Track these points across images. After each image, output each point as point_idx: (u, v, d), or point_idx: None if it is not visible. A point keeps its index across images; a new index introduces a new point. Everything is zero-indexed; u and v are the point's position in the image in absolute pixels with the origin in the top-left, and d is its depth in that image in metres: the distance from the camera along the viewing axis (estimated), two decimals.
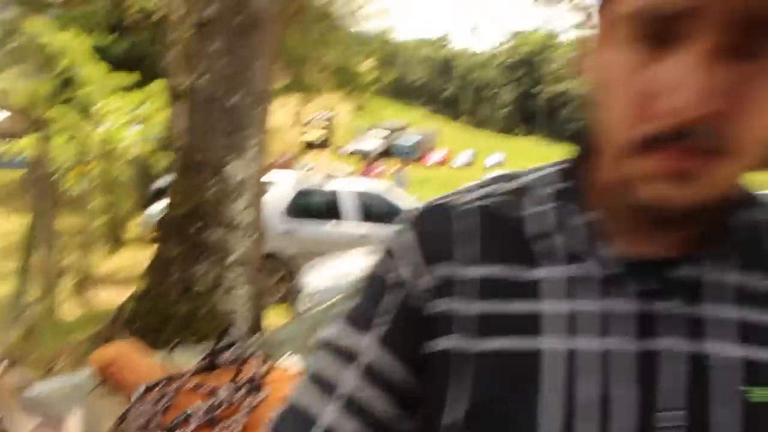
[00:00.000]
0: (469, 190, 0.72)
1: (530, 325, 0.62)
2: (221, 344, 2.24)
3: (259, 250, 5.50)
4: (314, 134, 47.67)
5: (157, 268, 5.36)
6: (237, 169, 5.21)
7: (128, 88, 13.30)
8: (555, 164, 0.71)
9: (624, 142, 0.58)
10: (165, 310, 5.10)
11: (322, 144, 48.85)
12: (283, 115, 32.25)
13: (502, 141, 57.80)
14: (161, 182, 14.43)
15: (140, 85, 13.81)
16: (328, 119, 46.81)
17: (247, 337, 2.85)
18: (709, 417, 0.60)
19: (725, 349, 0.61)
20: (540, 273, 0.64)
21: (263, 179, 5.68)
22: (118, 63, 14.73)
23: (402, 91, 67.23)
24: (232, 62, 5.13)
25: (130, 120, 13.37)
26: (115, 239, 12.67)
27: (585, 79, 0.65)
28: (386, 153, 38.57)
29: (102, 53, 14.04)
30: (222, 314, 5.03)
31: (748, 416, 0.60)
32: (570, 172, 0.69)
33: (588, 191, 0.66)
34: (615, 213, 0.64)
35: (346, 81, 26.60)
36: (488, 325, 0.63)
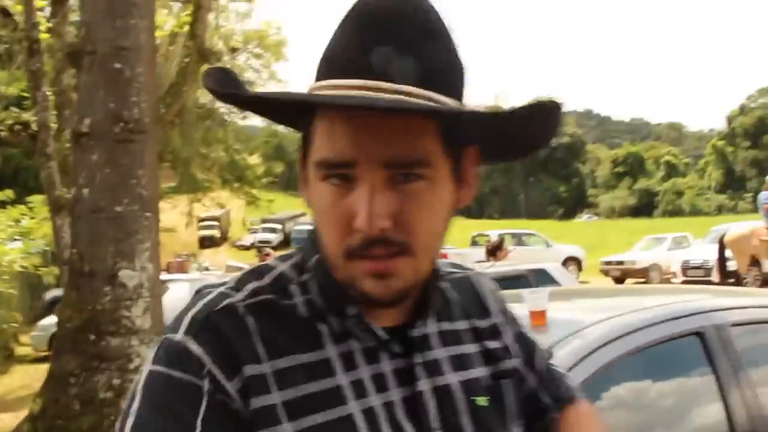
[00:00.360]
0: (237, 287, 0.86)
1: (335, 397, 0.81)
2: None
3: None
4: (209, 231, 47.26)
5: (54, 384, 5.22)
6: (130, 276, 5.24)
7: (3, 204, 12.94)
8: (285, 259, 0.92)
9: (336, 253, 0.81)
10: (66, 427, 4.96)
11: (218, 240, 48.39)
12: (176, 215, 31.80)
13: None
14: (56, 292, 13.94)
15: (17, 200, 13.46)
16: (220, 215, 46.55)
17: None
18: (462, 426, 0.89)
19: (456, 377, 0.91)
20: (326, 353, 0.84)
21: (160, 282, 5.71)
22: None
23: (293, 182, 67.96)
24: (114, 172, 5.20)
25: (9, 236, 12.94)
26: (4, 358, 12.01)
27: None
28: (286, 242, 38.70)
29: None
30: None
31: (477, 417, 0.90)
32: (304, 267, 0.89)
33: (328, 281, 0.86)
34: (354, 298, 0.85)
35: (234, 176, 26.74)
36: (298, 408, 0.79)
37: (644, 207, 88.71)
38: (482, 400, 0.92)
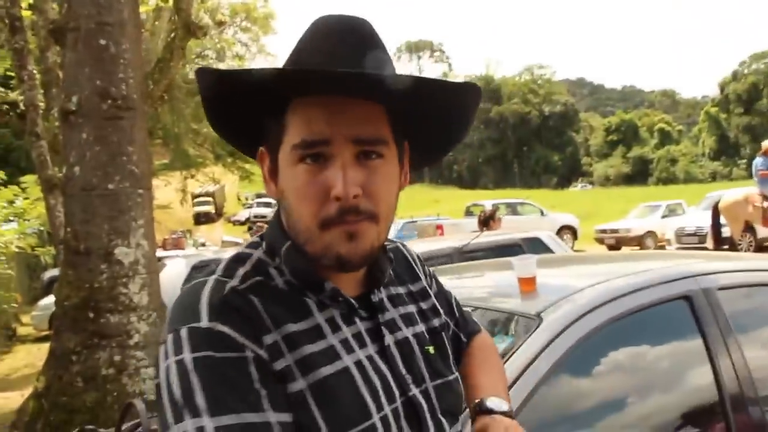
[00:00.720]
0: (228, 274, 1.00)
1: (332, 353, 0.98)
2: (127, 425, 2.29)
3: (160, 329, 5.51)
4: (204, 207, 47.26)
5: (56, 361, 5.26)
6: (125, 253, 5.26)
7: None
8: (255, 246, 1.08)
9: (312, 226, 0.97)
10: (70, 404, 5.00)
11: (214, 216, 48.37)
12: (170, 192, 31.71)
13: None
14: (54, 272, 13.98)
15: (10, 181, 13.42)
16: (215, 191, 46.47)
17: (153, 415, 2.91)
18: (421, 371, 1.09)
19: (409, 332, 1.12)
20: (316, 320, 1.00)
21: (155, 258, 5.73)
22: None
23: None
24: (104, 149, 5.18)
25: (4, 217, 12.92)
26: (6, 338, 12.08)
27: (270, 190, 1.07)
28: None
29: None
30: (131, 398, 4.99)
31: (429, 363, 1.12)
32: (275, 253, 1.05)
33: (299, 264, 1.02)
34: (326, 270, 1.02)
35: (227, 152, 26.60)
36: (306, 366, 0.95)
37: (638, 175, 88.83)
38: (431, 349, 1.13)
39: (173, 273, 8.67)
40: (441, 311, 1.23)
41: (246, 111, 1.04)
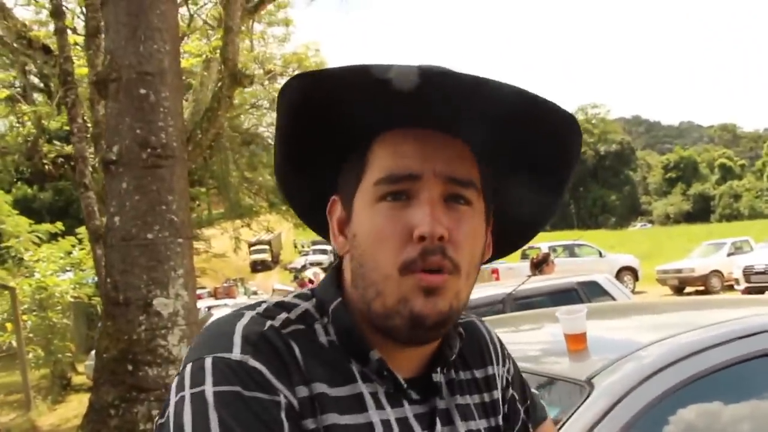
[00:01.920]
0: (267, 315, 0.86)
1: (370, 429, 0.83)
2: None
3: None
4: (260, 255, 47.87)
5: (95, 415, 5.17)
6: (164, 304, 5.15)
7: (56, 236, 13.19)
8: (304, 298, 0.93)
9: (390, 271, 0.83)
10: None
11: (270, 263, 48.94)
12: (226, 241, 32.23)
13: None
14: None
15: (69, 231, 13.72)
16: (271, 239, 47.06)
17: None
18: None
19: (463, 426, 0.94)
20: (359, 388, 0.86)
21: (196, 309, 5.61)
22: (46, 212, 14.67)
23: None
24: (144, 199, 5.14)
25: (61, 267, 13.15)
26: (61, 389, 12.17)
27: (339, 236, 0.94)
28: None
29: (27, 205, 13.95)
30: None
31: None
32: (324, 309, 0.91)
33: (348, 327, 0.89)
34: (380, 339, 0.88)
35: (281, 200, 26.90)
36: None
37: (700, 212, 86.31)
38: None
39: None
40: (501, 407, 1.05)
41: (327, 144, 0.93)
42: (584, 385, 1.57)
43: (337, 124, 0.90)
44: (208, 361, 0.78)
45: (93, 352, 12.92)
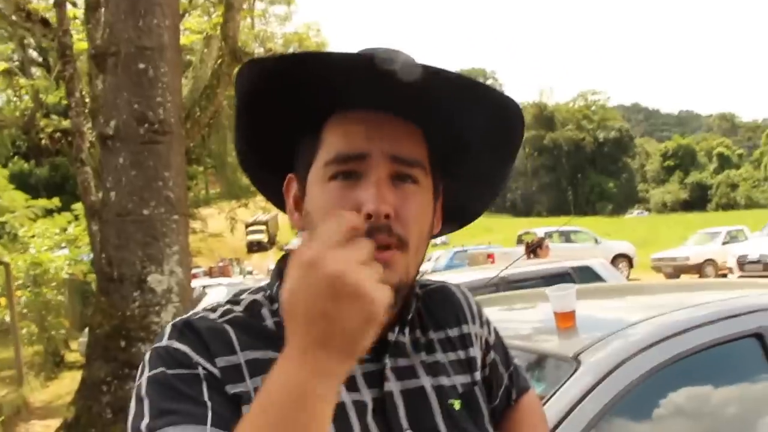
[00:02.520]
0: (213, 309, 0.95)
1: None
2: None
3: None
4: (256, 236, 47.85)
5: (87, 392, 5.17)
6: (159, 280, 5.15)
7: (51, 212, 13.16)
8: (258, 291, 0.99)
9: None
10: None
11: (267, 244, 48.92)
12: (223, 221, 32.17)
13: None
14: None
15: (65, 207, 13.70)
16: (268, 220, 47.02)
17: None
18: (436, 427, 0.94)
19: (429, 381, 0.98)
20: None
21: (190, 286, 5.61)
22: (43, 188, 14.61)
23: None
24: (140, 174, 5.11)
25: (56, 243, 13.13)
26: (54, 365, 12.18)
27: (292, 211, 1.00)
28: None
29: (23, 180, 13.90)
30: None
31: (452, 419, 0.96)
32: (274, 298, 0.96)
33: None
34: None
35: None
36: None
37: (697, 201, 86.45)
38: (456, 404, 0.99)
39: (215, 301, 8.59)
40: (479, 366, 1.08)
41: (281, 125, 0.98)
42: (571, 362, 1.59)
43: (291, 106, 0.94)
44: (148, 353, 0.88)
45: (87, 330, 12.96)
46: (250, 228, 46.65)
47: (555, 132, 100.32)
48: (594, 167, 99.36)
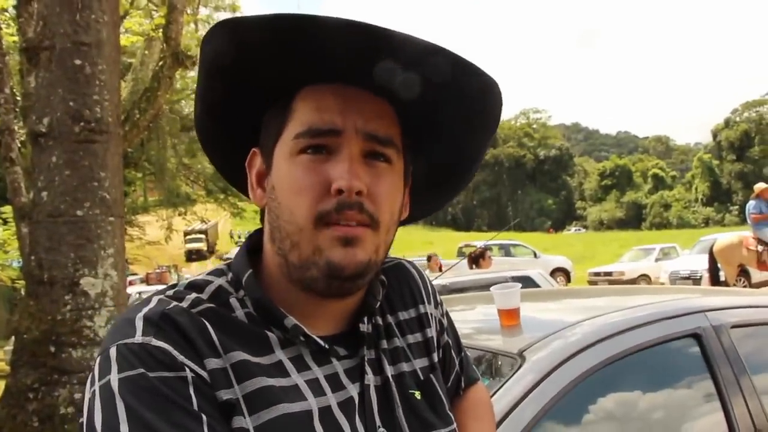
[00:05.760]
0: (177, 297, 0.85)
1: (296, 393, 0.82)
2: None
3: None
4: (196, 244, 47.08)
5: (12, 399, 4.94)
6: (92, 284, 4.97)
7: None
8: (219, 274, 0.92)
9: (306, 223, 0.83)
10: None
11: (206, 253, 48.16)
12: (161, 228, 31.50)
13: None
14: None
15: None
16: (207, 228, 46.31)
17: None
18: (399, 424, 0.91)
19: (391, 370, 0.94)
20: (277, 356, 0.85)
21: (125, 290, 5.44)
22: None
23: None
24: (75, 174, 4.93)
25: None
26: None
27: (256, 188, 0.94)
28: None
29: None
30: None
31: (414, 411, 0.93)
32: (239, 283, 0.90)
33: (266, 290, 0.89)
34: (296, 300, 0.88)
35: (219, 188, 26.39)
36: (257, 400, 0.79)
37: (632, 219, 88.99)
38: (417, 394, 0.95)
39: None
40: (435, 347, 1.05)
41: (247, 95, 0.91)
42: (516, 358, 1.58)
43: (259, 77, 0.89)
44: (113, 350, 0.77)
45: (14, 338, 12.48)
46: (189, 236, 45.95)
47: (497, 148, 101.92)
48: (534, 184, 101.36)
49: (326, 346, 0.88)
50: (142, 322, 0.79)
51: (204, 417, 0.74)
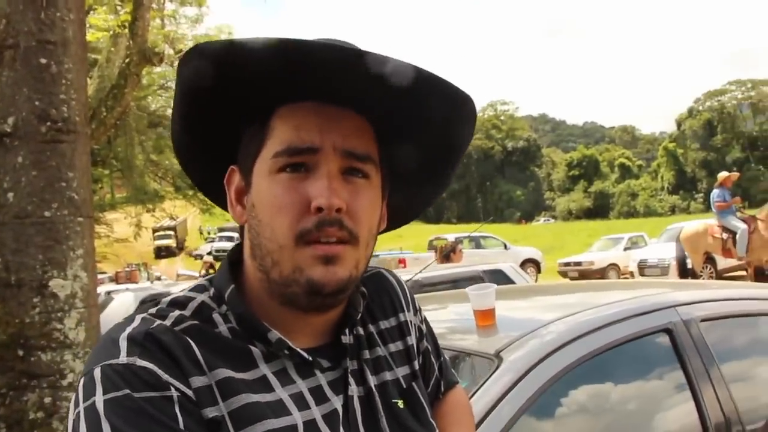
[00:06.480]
0: (160, 315, 0.85)
1: (281, 408, 0.83)
2: None
3: None
4: (165, 241, 46.61)
5: None
6: (61, 285, 4.90)
7: None
8: (201, 290, 0.92)
9: (286, 241, 0.84)
10: None
11: (175, 250, 47.70)
12: (128, 226, 31.11)
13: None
14: None
15: None
16: (176, 225, 45.87)
17: None
18: (382, 429, 0.91)
19: (374, 380, 0.95)
20: (261, 371, 0.85)
21: (96, 291, 5.38)
22: None
23: None
24: (42, 174, 4.85)
25: None
26: None
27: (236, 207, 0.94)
28: None
29: None
30: None
31: (398, 420, 0.94)
32: (221, 298, 0.90)
33: (250, 306, 0.89)
34: (278, 314, 0.89)
35: (188, 184, 26.13)
36: (243, 418, 0.80)
37: (600, 209, 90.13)
38: (400, 403, 0.96)
39: (121, 307, 8.29)
40: (416, 354, 1.06)
41: (225, 114, 0.92)
42: (493, 359, 1.60)
43: (237, 96, 0.90)
44: (97, 371, 0.77)
45: None
46: (158, 233, 45.53)
47: None
48: (502, 175, 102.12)
49: (310, 359, 0.89)
50: (126, 342, 0.79)
51: None
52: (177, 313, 0.86)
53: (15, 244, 4.86)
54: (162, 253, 46.77)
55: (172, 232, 47.68)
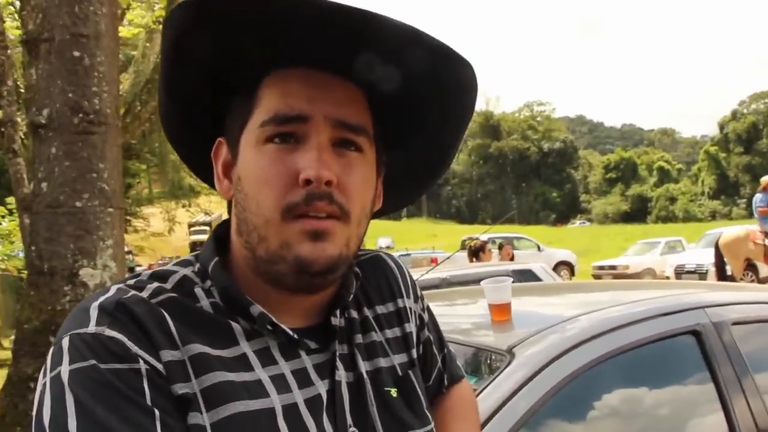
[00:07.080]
0: (137, 286, 0.81)
1: (258, 389, 0.78)
2: None
3: None
4: (200, 236, 47.25)
5: (13, 388, 4.96)
6: (91, 274, 4.97)
7: None
8: (186, 264, 0.88)
9: (273, 215, 0.79)
10: None
11: None
12: (164, 221, 31.63)
13: (388, 224, 59.18)
14: None
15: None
16: (212, 220, 46.47)
17: None
18: (373, 422, 0.86)
19: (365, 366, 0.90)
20: (242, 349, 0.80)
21: None
22: None
23: None
24: (74, 165, 4.93)
25: None
26: None
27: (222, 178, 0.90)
28: None
29: None
30: None
31: (389, 410, 0.89)
32: (206, 273, 0.86)
33: (235, 281, 0.85)
34: (264, 293, 0.84)
35: None
36: (215, 396, 0.75)
37: (637, 213, 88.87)
38: (393, 392, 0.91)
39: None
40: (415, 342, 1.00)
41: (211, 82, 0.87)
42: (505, 355, 1.54)
43: (223, 62, 0.85)
44: (65, 341, 0.74)
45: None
46: (194, 228, 46.11)
47: (500, 141, 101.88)
48: (538, 177, 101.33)
49: (295, 337, 0.84)
50: (97, 311, 0.75)
51: (157, 412, 0.71)
52: (156, 285, 0.82)
53: (48, 233, 4.94)
54: (197, 247, 47.19)
55: (207, 228, 48.29)
